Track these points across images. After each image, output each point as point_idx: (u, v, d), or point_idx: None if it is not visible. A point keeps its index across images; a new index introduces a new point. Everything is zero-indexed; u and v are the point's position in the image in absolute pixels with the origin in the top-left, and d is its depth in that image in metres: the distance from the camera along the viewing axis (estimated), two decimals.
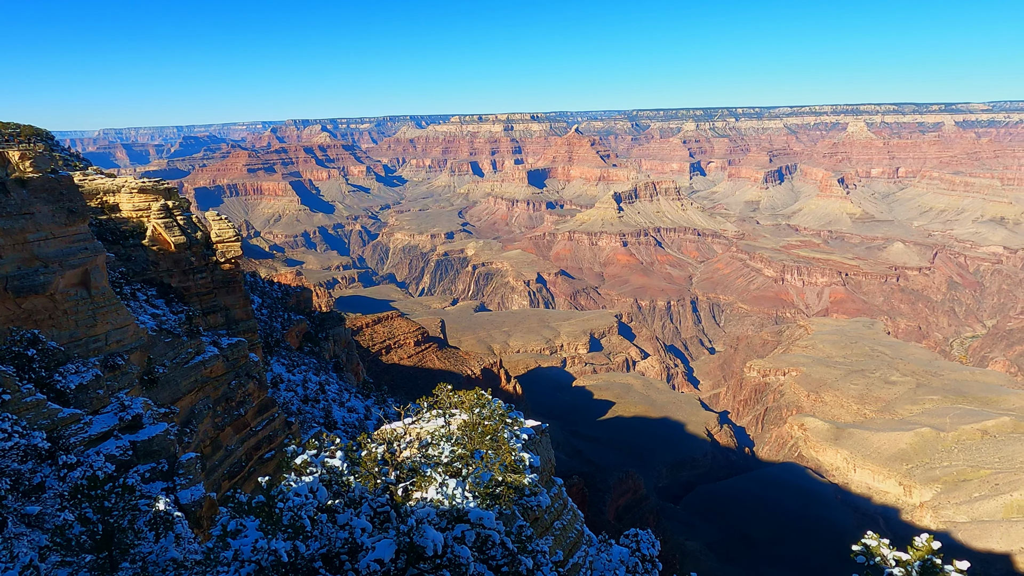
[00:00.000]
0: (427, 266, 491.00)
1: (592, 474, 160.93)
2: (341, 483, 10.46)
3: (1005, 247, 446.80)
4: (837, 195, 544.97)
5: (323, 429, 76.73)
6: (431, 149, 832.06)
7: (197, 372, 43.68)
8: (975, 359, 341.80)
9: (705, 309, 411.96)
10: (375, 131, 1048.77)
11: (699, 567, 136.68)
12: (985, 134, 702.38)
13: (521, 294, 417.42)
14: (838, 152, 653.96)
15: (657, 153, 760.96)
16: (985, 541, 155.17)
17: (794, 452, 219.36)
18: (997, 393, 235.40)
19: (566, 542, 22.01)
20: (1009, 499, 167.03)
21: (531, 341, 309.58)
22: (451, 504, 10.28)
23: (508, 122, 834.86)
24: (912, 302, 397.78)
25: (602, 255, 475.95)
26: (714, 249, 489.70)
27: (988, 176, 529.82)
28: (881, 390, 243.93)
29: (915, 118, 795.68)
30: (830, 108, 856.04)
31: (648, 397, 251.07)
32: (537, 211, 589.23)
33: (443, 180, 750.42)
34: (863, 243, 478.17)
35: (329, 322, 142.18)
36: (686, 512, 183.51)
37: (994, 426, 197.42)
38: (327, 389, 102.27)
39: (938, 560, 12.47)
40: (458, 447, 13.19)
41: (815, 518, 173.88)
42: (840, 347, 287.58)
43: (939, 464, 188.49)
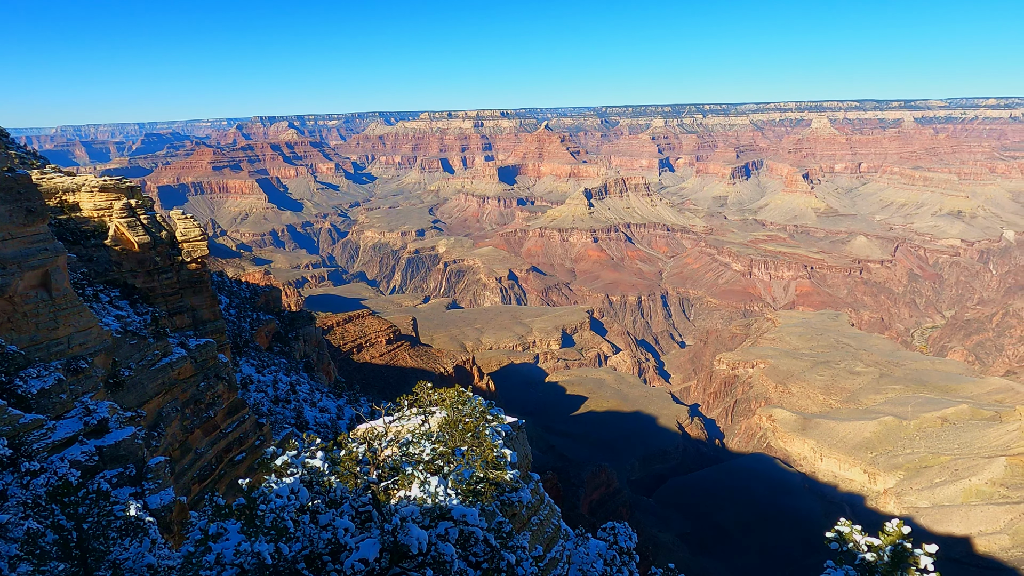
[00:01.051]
0: (398, 264, 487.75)
1: (565, 469, 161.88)
2: (322, 483, 10.32)
3: (962, 240, 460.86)
4: (802, 190, 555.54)
5: (294, 430, 75.81)
6: (401, 146, 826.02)
7: (164, 374, 42.74)
8: (935, 349, 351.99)
9: (675, 303, 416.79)
10: (343, 128, 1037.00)
11: (672, 558, 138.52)
12: (943, 130, 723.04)
13: (493, 291, 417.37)
14: (802, 148, 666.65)
15: (626, 149, 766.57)
16: (946, 525, 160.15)
17: (763, 443, 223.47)
18: (956, 382, 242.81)
19: (544, 537, 22.10)
20: (968, 484, 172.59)
21: (503, 338, 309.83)
22: (434, 502, 10.23)
23: (478, 119, 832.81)
24: (875, 294, 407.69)
25: (573, 251, 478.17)
26: (683, 244, 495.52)
27: (946, 171, 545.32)
28: (846, 380, 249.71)
29: (876, 114, 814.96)
30: (794, 105, 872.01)
31: (620, 391, 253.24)
32: (508, 208, 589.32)
33: (413, 177, 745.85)
34: (827, 237, 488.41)
35: (299, 321, 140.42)
36: (659, 504, 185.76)
37: (953, 414, 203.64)
38: (298, 389, 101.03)
39: (908, 544, 12.83)
40: (439, 445, 13.12)
41: (784, 507, 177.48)
42: (806, 339, 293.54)
43: (902, 452, 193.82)
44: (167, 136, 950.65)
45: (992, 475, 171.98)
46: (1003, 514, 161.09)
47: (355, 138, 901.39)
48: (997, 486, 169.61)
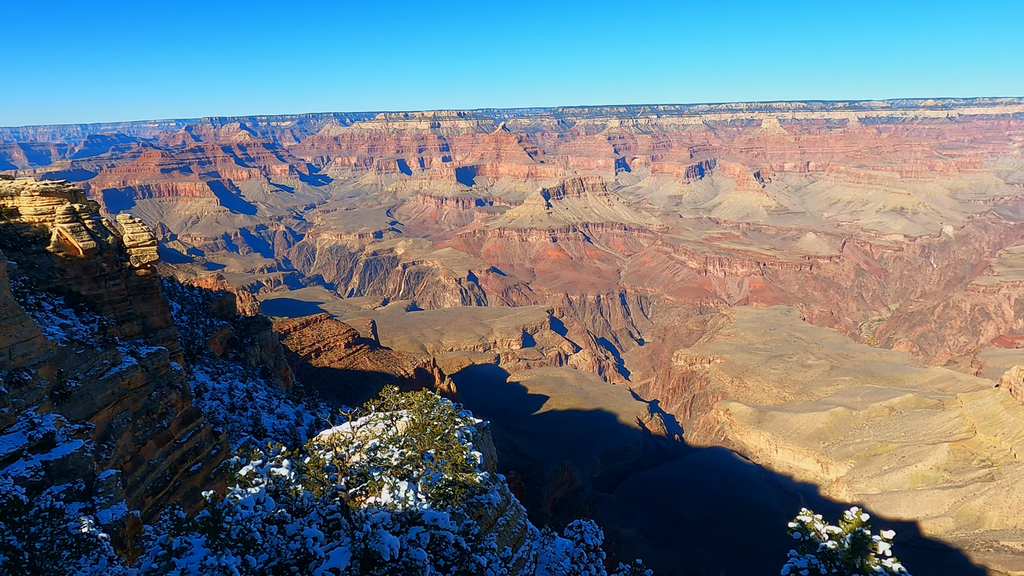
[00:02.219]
0: (356, 266, 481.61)
1: (528, 468, 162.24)
2: (288, 492, 10.04)
3: (905, 235, 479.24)
4: (754, 189, 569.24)
5: (252, 438, 74.01)
6: (356, 147, 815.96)
7: (114, 384, 41.24)
8: (881, 341, 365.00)
9: (633, 301, 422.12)
10: (297, 129, 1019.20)
11: (635, 553, 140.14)
12: (885, 130, 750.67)
13: (453, 292, 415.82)
14: (753, 147, 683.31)
15: (583, 150, 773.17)
16: (894, 510, 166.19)
17: (721, 436, 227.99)
18: (902, 372, 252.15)
19: (511, 537, 22.08)
20: (914, 470, 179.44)
21: (464, 339, 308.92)
22: (404, 507, 10.05)
23: (435, 119, 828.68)
24: (824, 289, 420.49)
25: (532, 251, 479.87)
26: (640, 243, 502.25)
27: (889, 169, 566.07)
28: (799, 373, 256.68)
29: (823, 115, 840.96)
30: (745, 105, 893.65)
31: (581, 390, 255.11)
32: (467, 208, 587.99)
33: (370, 178, 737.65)
34: (778, 234, 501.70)
35: (255, 327, 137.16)
36: (620, 500, 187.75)
37: (899, 403, 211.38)
38: (255, 396, 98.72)
39: (867, 531, 13.23)
40: (407, 449, 12.93)
41: (742, 498, 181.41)
42: (760, 334, 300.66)
43: (852, 441, 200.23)
44: (112, 138, 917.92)
45: (936, 461, 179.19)
46: (947, 498, 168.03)
47: (309, 139, 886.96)
48: (941, 471, 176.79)
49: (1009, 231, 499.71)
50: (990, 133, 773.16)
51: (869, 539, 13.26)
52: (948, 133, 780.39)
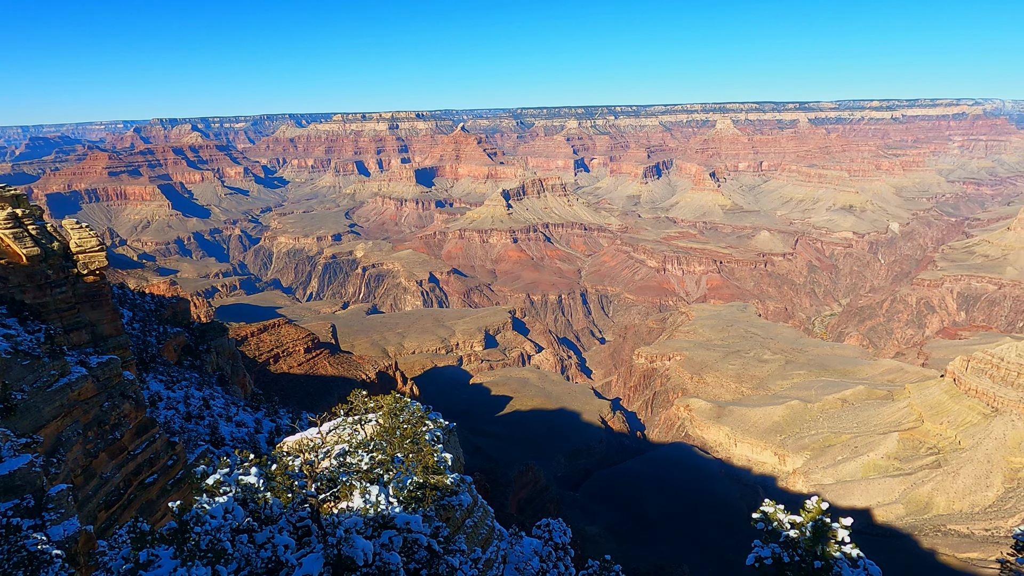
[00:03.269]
0: (314, 270, 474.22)
1: (493, 469, 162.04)
2: (257, 500, 9.80)
3: (854, 232, 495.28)
4: (709, 188, 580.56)
5: (210, 447, 72.19)
6: (313, 148, 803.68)
7: (63, 396, 39.71)
8: (833, 335, 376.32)
9: (594, 301, 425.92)
10: (252, 130, 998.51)
11: (600, 550, 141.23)
12: (834, 130, 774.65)
13: (414, 294, 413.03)
14: (709, 148, 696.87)
15: (542, 151, 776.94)
16: (849, 499, 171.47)
17: (682, 432, 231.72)
18: (853, 365, 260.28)
19: (479, 538, 22.04)
20: (866, 459, 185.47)
21: (426, 341, 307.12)
22: (376, 511, 9.92)
23: (393, 120, 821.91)
24: (778, 285, 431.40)
25: (493, 252, 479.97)
26: (600, 243, 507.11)
27: (838, 168, 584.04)
28: (755, 368, 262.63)
29: (774, 116, 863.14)
30: (700, 107, 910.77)
31: (544, 390, 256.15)
32: (427, 210, 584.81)
33: (327, 180, 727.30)
34: (734, 232, 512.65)
35: (210, 333, 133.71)
36: (585, 498, 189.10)
37: (851, 395, 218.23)
38: (212, 404, 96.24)
39: (827, 520, 13.64)
40: (377, 453, 12.78)
41: (703, 492, 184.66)
42: (718, 330, 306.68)
43: (807, 433, 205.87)
44: (55, 140, 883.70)
45: (887, 450, 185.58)
46: (897, 485, 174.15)
47: (264, 141, 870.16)
48: (892, 459, 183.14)
49: (950, 227, 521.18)
50: (931, 133, 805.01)
51: (829, 527, 13.69)
52: (893, 133, 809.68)
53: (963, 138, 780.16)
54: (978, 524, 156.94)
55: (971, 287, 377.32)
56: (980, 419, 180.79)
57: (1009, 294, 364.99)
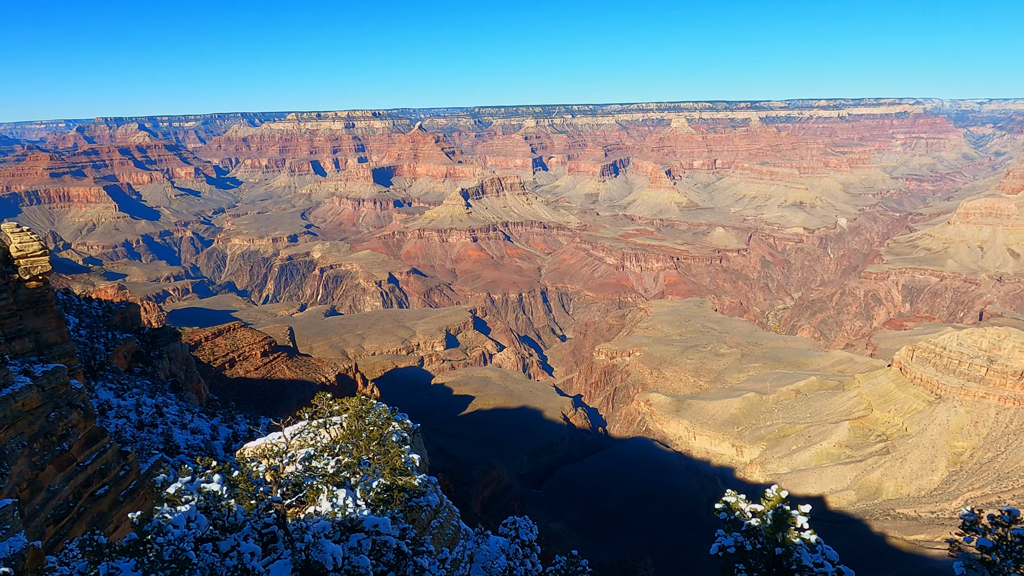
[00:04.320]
0: (270, 272, 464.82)
1: (456, 469, 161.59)
2: (221, 508, 9.52)
3: (804, 228, 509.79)
4: (666, 186, 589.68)
5: (164, 456, 70.14)
6: (267, 148, 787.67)
7: (5, 407, 38.04)
8: (786, 328, 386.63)
9: (555, 298, 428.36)
10: (202, 130, 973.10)
11: (564, 546, 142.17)
12: (784, 128, 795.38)
13: (373, 295, 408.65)
14: (664, 146, 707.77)
15: (501, 149, 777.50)
16: (803, 487, 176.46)
17: (642, 427, 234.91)
18: (805, 357, 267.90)
19: (445, 539, 21.94)
20: (819, 448, 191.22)
21: (387, 342, 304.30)
22: (344, 515, 9.75)
23: (349, 119, 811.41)
24: (733, 280, 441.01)
25: (453, 251, 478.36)
26: (559, 241, 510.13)
27: (788, 166, 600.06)
28: (713, 362, 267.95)
29: (727, 114, 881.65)
30: (655, 106, 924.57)
31: (506, 388, 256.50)
32: (385, 210, 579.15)
33: (282, 180, 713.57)
34: (690, 229, 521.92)
35: (162, 338, 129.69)
36: (548, 495, 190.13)
37: (804, 386, 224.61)
38: (165, 412, 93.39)
39: (788, 507, 14.01)
40: (343, 456, 12.56)
41: (664, 485, 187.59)
42: (676, 326, 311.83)
43: (763, 424, 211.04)
44: None
45: (838, 438, 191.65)
46: (849, 472, 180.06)
47: (216, 140, 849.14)
48: (843, 448, 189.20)
49: (895, 222, 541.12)
50: (876, 131, 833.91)
51: (789, 514, 14.07)
52: (840, 131, 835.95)
53: (905, 136, 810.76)
54: (924, 507, 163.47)
55: (915, 279, 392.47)
56: (925, 406, 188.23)
57: (950, 286, 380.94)
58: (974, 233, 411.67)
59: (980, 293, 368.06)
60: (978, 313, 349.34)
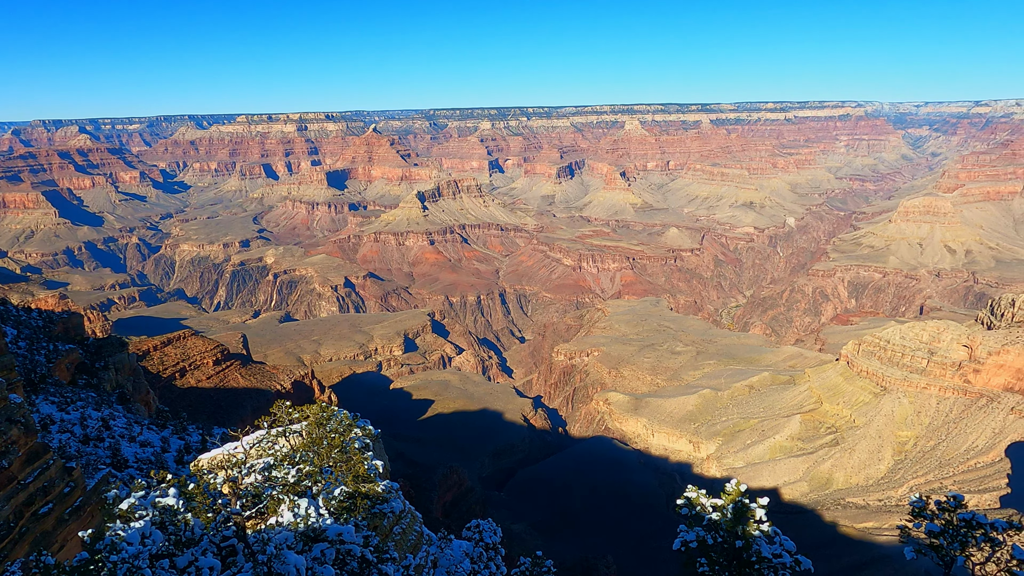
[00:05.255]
0: (222, 278, 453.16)
1: (416, 475, 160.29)
2: (177, 523, 9.15)
3: (755, 227, 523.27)
4: (620, 187, 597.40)
5: (111, 470, 67.65)
6: (217, 151, 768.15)
7: None
8: (739, 325, 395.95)
9: (513, 300, 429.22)
10: (147, 132, 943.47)
11: (526, 547, 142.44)
12: (734, 130, 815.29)
13: (329, 300, 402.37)
14: (619, 148, 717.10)
15: (456, 152, 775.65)
16: (758, 480, 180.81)
17: (602, 426, 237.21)
18: (758, 353, 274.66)
19: (408, 544, 21.71)
20: (772, 442, 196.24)
21: (344, 348, 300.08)
22: (306, 524, 9.51)
23: (301, 122, 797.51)
24: (688, 280, 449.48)
25: (410, 255, 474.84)
26: (517, 243, 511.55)
27: (738, 167, 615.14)
28: (669, 360, 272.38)
29: (679, 117, 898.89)
30: (609, 108, 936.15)
31: (466, 391, 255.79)
32: (340, 213, 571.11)
33: (233, 184, 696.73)
34: (645, 230, 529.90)
35: (108, 349, 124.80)
36: (510, 497, 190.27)
37: (757, 381, 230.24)
38: (112, 425, 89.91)
39: (747, 500, 14.32)
40: (305, 464, 12.26)
41: (624, 483, 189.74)
42: (633, 325, 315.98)
43: (719, 420, 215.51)
44: None
45: (791, 431, 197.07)
46: (801, 464, 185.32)
47: (162, 143, 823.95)
48: (795, 440, 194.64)
49: (840, 220, 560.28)
50: (821, 133, 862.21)
51: (748, 507, 14.39)
52: (786, 133, 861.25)
53: (848, 137, 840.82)
54: (872, 495, 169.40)
55: (860, 276, 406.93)
56: (871, 398, 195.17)
57: (892, 281, 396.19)
58: (914, 231, 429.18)
59: (920, 288, 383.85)
60: (919, 307, 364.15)
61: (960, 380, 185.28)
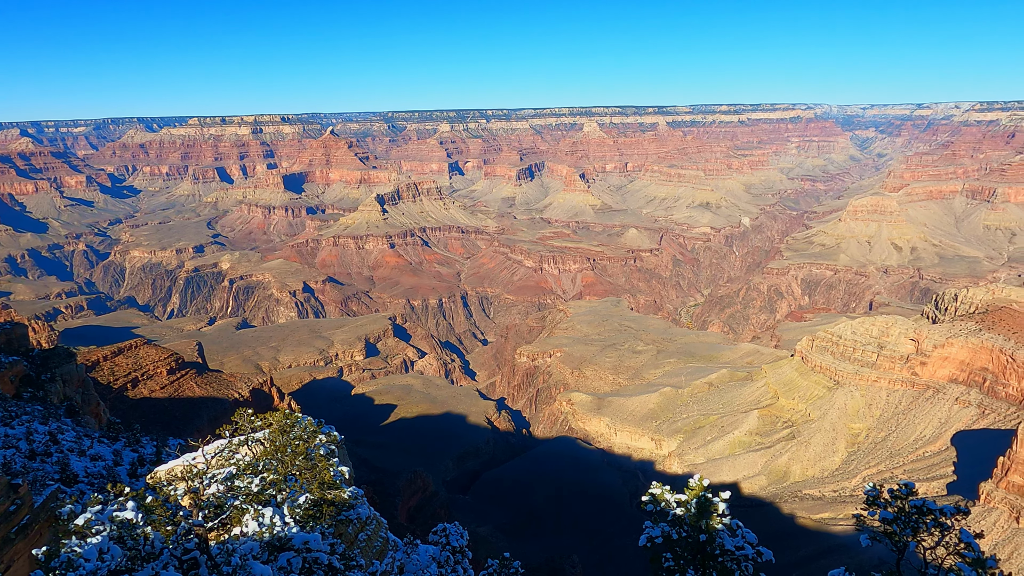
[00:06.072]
0: (175, 285, 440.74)
1: (380, 480, 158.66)
2: (136, 537, 8.82)
3: (711, 227, 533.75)
4: (580, 189, 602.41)
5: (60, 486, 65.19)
6: (168, 154, 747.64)
7: None
8: (698, 323, 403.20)
9: (475, 303, 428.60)
10: (94, 135, 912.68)
11: (492, 550, 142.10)
12: (690, 132, 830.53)
13: (287, 306, 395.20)
14: (578, 150, 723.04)
15: (416, 154, 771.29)
16: (719, 475, 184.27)
17: (565, 426, 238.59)
18: (716, 350, 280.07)
19: (373, 551, 21.48)
20: (732, 437, 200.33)
21: (303, 354, 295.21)
22: (271, 533, 9.30)
23: (256, 124, 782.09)
24: (647, 279, 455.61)
25: (370, 258, 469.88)
26: (478, 245, 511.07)
27: (695, 168, 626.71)
28: (630, 359, 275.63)
29: (636, 119, 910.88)
30: (568, 110, 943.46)
31: (429, 395, 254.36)
32: (297, 217, 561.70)
33: (186, 188, 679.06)
34: (605, 231, 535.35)
35: (54, 360, 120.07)
36: (475, 500, 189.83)
37: (716, 378, 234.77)
38: (60, 439, 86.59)
39: (710, 495, 14.61)
40: (268, 472, 12.00)
41: (588, 483, 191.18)
42: (594, 325, 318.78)
43: (680, 417, 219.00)
44: None
45: (749, 427, 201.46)
46: (759, 458, 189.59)
47: (110, 147, 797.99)
48: (754, 435, 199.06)
49: (792, 220, 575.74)
50: (773, 135, 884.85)
51: (711, 502, 14.69)
52: (740, 135, 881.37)
53: (799, 139, 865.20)
54: (828, 487, 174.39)
55: (812, 274, 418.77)
56: (825, 392, 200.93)
57: (843, 278, 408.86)
58: (862, 229, 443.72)
59: (869, 284, 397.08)
60: (868, 303, 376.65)
61: (908, 373, 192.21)
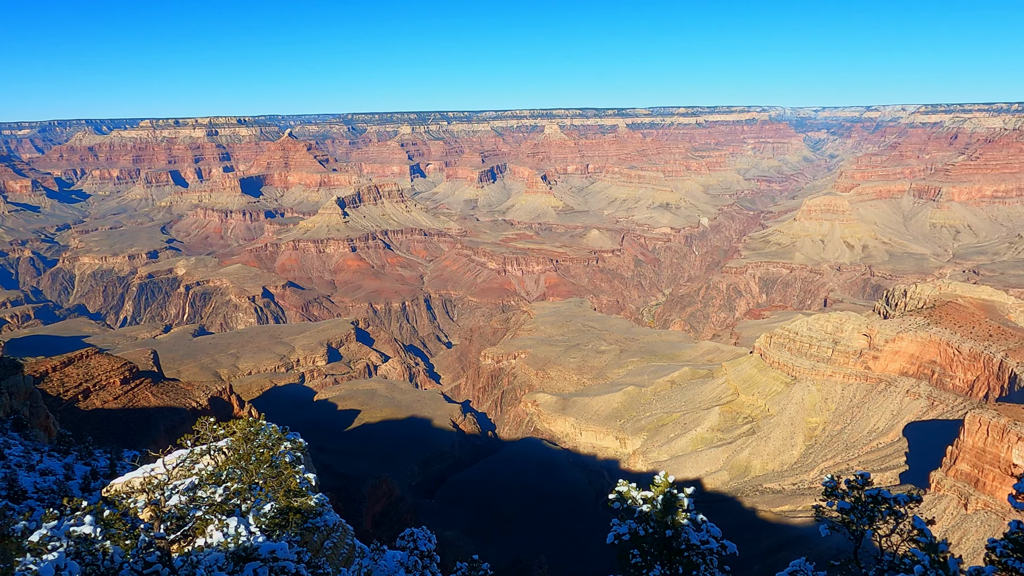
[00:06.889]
0: (128, 292, 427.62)
1: (344, 487, 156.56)
2: (94, 552, 8.51)
3: (671, 228, 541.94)
4: (542, 191, 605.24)
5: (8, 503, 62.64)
6: (118, 158, 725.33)
7: None
8: (660, 323, 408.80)
9: (439, 305, 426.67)
10: (39, 138, 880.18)
11: (459, 554, 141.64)
12: (649, 134, 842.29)
13: (246, 311, 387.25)
14: (539, 152, 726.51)
15: (376, 156, 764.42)
16: (682, 472, 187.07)
17: (530, 427, 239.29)
18: (678, 349, 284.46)
19: (340, 558, 21.21)
20: (694, 434, 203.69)
21: (264, 360, 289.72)
22: (237, 544, 9.10)
23: (212, 126, 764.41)
24: (610, 280, 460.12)
25: (331, 262, 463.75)
26: (441, 247, 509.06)
27: (654, 169, 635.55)
28: (594, 359, 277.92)
29: (596, 121, 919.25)
30: (529, 112, 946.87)
31: (393, 399, 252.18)
32: (255, 221, 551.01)
33: (138, 192, 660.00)
34: (567, 232, 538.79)
35: (0, 372, 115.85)
36: (441, 504, 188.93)
37: (678, 376, 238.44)
38: (7, 453, 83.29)
39: (675, 491, 14.85)
40: (232, 482, 11.73)
41: (555, 483, 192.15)
42: (558, 326, 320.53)
43: (644, 415, 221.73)
44: None
45: (711, 423, 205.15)
46: (721, 454, 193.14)
47: (56, 149, 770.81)
48: (715, 432, 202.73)
49: (749, 220, 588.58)
50: (729, 137, 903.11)
51: (677, 498, 14.94)
52: (698, 137, 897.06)
53: (755, 141, 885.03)
54: (787, 480, 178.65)
55: (769, 272, 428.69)
56: (783, 387, 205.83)
57: (799, 276, 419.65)
58: (816, 228, 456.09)
59: (823, 282, 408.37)
60: (823, 300, 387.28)
61: (861, 367, 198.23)
